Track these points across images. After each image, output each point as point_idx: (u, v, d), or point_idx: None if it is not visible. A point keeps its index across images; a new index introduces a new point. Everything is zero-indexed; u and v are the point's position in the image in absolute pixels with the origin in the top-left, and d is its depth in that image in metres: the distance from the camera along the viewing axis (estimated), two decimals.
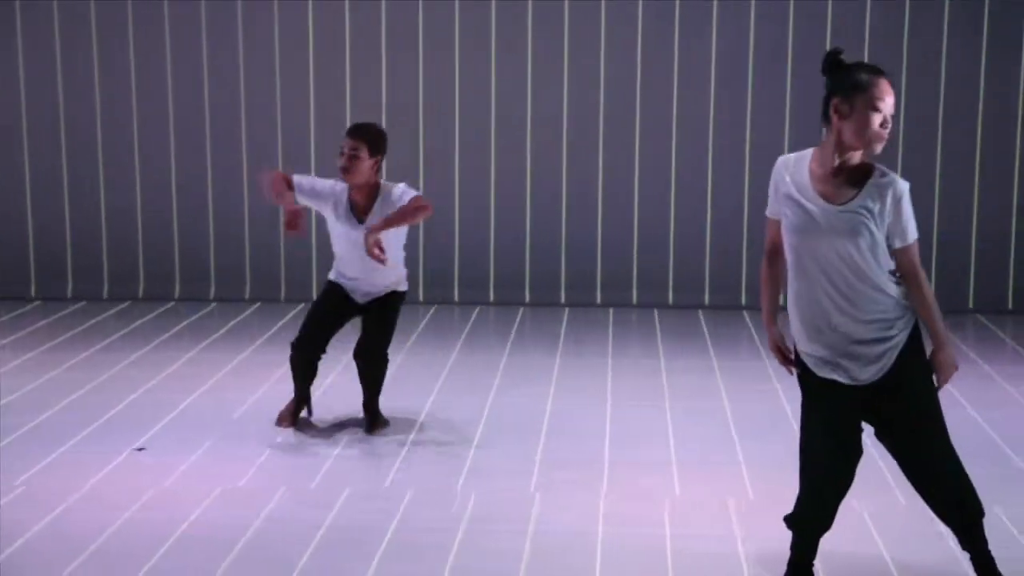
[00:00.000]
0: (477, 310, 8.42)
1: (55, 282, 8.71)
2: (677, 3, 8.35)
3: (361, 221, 5.57)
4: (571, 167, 8.54)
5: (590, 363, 7.12)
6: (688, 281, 8.56)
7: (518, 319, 8.19)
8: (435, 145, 8.54)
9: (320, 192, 5.67)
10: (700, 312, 8.41)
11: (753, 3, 8.31)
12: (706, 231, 8.53)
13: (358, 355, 5.77)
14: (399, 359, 7.12)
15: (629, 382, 6.73)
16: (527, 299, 8.59)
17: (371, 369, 5.78)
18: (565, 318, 8.24)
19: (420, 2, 8.41)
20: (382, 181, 5.67)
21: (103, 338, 7.57)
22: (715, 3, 8.33)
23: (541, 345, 7.54)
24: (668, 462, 5.45)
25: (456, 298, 8.61)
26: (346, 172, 5.49)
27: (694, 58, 8.38)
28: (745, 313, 8.33)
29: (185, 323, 7.96)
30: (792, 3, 8.31)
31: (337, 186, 5.66)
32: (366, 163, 5.49)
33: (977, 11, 8.24)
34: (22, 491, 5.02)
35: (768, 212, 4.05)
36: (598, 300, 8.58)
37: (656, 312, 8.41)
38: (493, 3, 8.40)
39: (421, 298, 8.58)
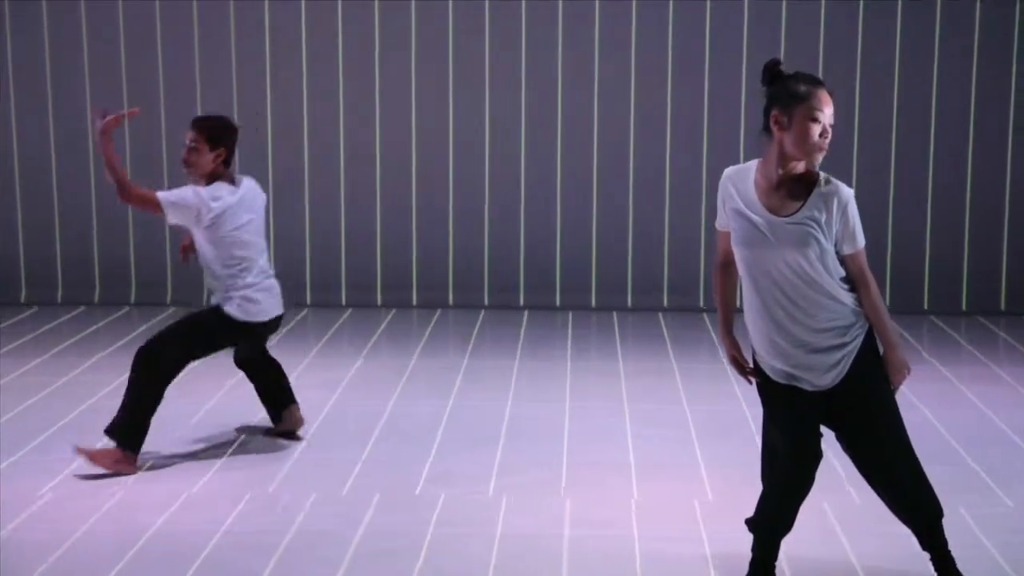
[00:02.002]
0: (437, 313, 8.42)
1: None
2: (671, 4, 8.38)
3: None
4: (529, 171, 8.55)
5: (550, 366, 7.13)
6: (649, 284, 8.60)
7: (478, 322, 8.19)
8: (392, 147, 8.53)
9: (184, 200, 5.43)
10: (660, 315, 8.45)
11: (746, 4, 8.36)
12: (664, 233, 8.56)
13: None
14: (358, 363, 7.11)
15: (589, 385, 6.75)
16: (487, 302, 8.58)
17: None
18: (524, 321, 8.25)
19: (412, 3, 8.41)
20: (236, 175, 5.47)
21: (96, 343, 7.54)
22: (708, 4, 8.36)
23: (500, 348, 7.55)
24: (628, 464, 5.47)
25: (414, 302, 8.60)
26: (186, 165, 5.39)
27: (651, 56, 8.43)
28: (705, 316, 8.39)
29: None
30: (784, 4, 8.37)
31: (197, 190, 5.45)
32: (207, 156, 5.35)
33: (968, 11, 8.30)
34: None
35: (717, 224, 4.08)
36: (557, 303, 8.60)
37: (615, 315, 8.44)
38: (487, 4, 8.39)
39: (379, 302, 8.58)
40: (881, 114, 8.41)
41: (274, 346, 7.39)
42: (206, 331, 5.43)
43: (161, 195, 5.25)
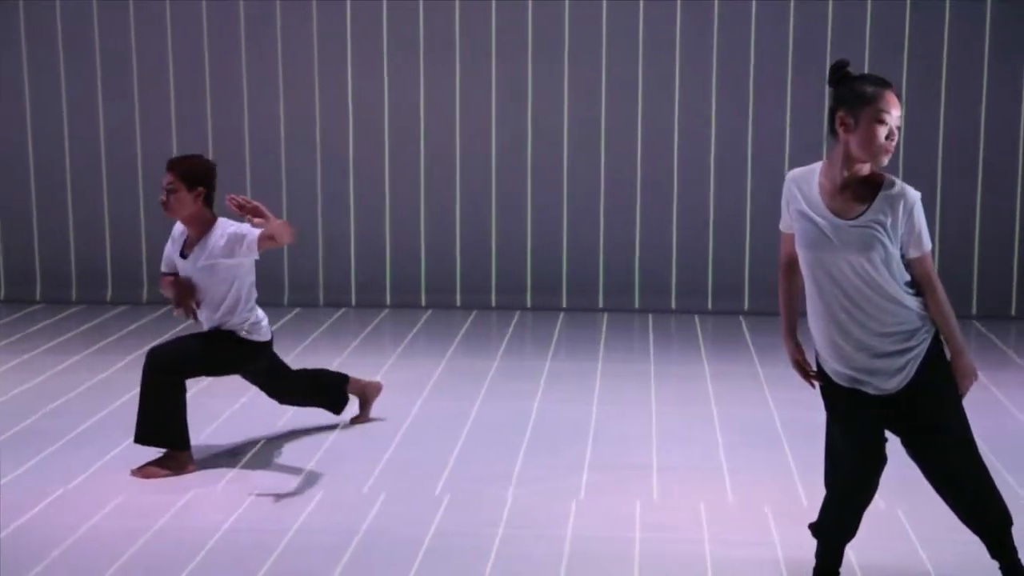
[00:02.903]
0: (516, 315, 8.43)
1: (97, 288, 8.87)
2: (679, 4, 8.31)
3: (184, 255, 5.40)
4: (573, 174, 8.50)
5: (631, 370, 7.09)
6: (729, 287, 8.54)
7: (559, 324, 8.18)
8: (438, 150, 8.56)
9: (169, 250, 5.53)
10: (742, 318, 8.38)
11: (754, 5, 8.25)
12: (746, 237, 8.49)
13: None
14: (443, 364, 7.14)
15: (671, 388, 6.70)
16: (564, 304, 8.58)
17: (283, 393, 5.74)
18: (604, 323, 8.22)
19: (420, 3, 8.45)
20: (220, 219, 5.37)
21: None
22: (716, 4, 8.27)
23: (580, 351, 7.53)
24: (701, 468, 5.44)
25: (493, 303, 8.64)
26: (165, 207, 5.36)
27: (696, 65, 8.35)
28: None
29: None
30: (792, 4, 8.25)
31: (176, 229, 5.51)
32: (186, 197, 5.31)
33: (978, 15, 8.12)
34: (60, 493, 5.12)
35: (781, 226, 4.04)
36: (636, 305, 8.57)
37: (696, 318, 8.38)
38: (493, 4, 8.39)
39: (459, 303, 8.63)
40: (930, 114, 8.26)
41: (357, 346, 7.46)
42: (224, 354, 5.43)
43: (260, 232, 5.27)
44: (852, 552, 4.34)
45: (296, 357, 7.14)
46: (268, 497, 5.07)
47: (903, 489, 4.64)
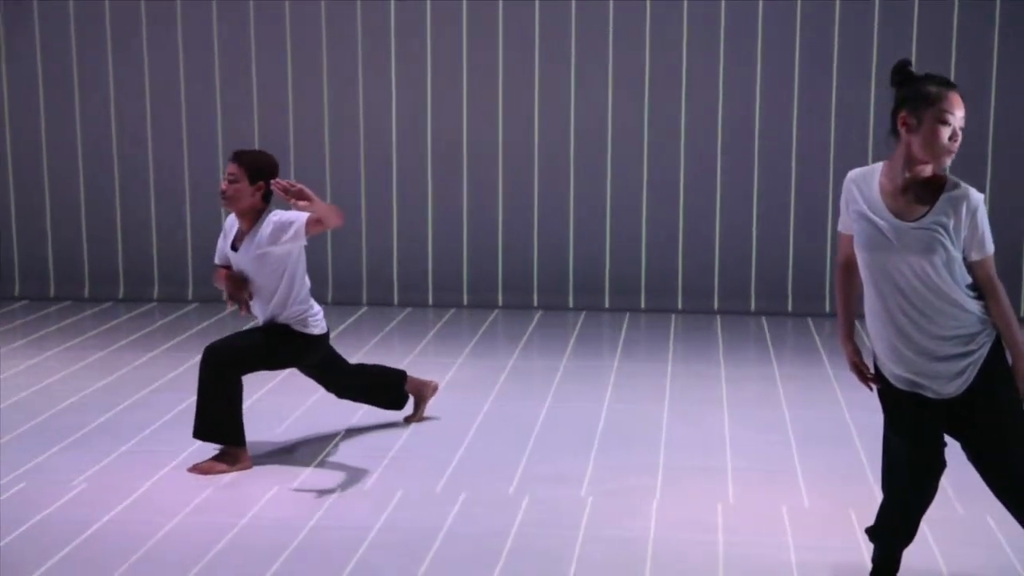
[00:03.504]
0: (538, 315, 8.41)
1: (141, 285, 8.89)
2: (723, 5, 8.27)
3: (235, 248, 5.42)
4: (579, 173, 8.47)
5: (644, 369, 7.06)
6: (767, 288, 8.50)
7: (578, 323, 8.16)
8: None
9: (221, 243, 5.55)
10: (764, 319, 8.32)
11: (799, 4, 8.21)
12: (789, 239, 8.45)
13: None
14: (459, 360, 7.13)
15: (687, 389, 6.66)
16: (571, 304, 8.56)
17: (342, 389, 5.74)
18: (624, 323, 8.18)
19: (428, 3, 8.42)
20: (276, 210, 5.36)
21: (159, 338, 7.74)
22: (760, 4, 8.24)
23: (598, 350, 7.47)
24: (723, 469, 5.40)
25: (535, 302, 8.63)
26: (223, 197, 5.36)
27: (740, 60, 8.31)
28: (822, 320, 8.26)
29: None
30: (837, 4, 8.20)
31: (228, 222, 5.53)
32: (246, 190, 5.33)
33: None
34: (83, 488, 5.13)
35: (840, 227, 3.99)
36: (679, 306, 8.53)
37: (722, 319, 8.32)
38: (500, 4, 8.36)
39: (503, 302, 8.62)
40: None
41: (427, 345, 7.46)
42: (280, 347, 5.43)
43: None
44: (942, 560, 4.34)
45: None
46: (324, 494, 5.06)
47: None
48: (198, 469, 5.30)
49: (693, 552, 4.53)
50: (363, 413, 6.07)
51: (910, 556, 4.15)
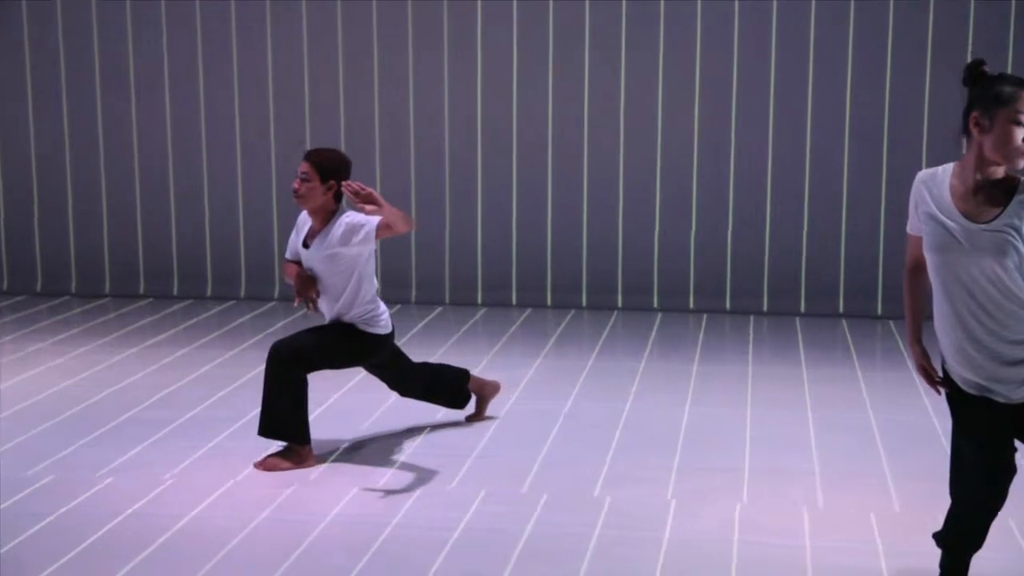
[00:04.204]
0: (614, 315, 8.41)
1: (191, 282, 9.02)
2: (774, 4, 8.21)
3: (306, 245, 5.46)
4: (739, 176, 8.47)
5: (730, 370, 7.04)
6: (826, 289, 8.43)
7: (662, 323, 8.15)
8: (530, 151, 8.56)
9: (293, 239, 5.59)
10: (844, 321, 8.27)
11: (891, 4, 8.13)
12: (841, 240, 8.38)
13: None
14: (533, 363, 7.15)
15: (768, 390, 6.64)
16: (655, 304, 8.55)
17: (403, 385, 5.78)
18: (702, 324, 8.18)
19: (444, 3, 8.45)
20: (350, 211, 5.39)
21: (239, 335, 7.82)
22: (852, 3, 8.17)
23: (679, 352, 7.47)
24: (810, 472, 5.36)
25: (583, 303, 8.63)
26: (296, 195, 5.39)
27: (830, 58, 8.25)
28: (891, 323, 8.18)
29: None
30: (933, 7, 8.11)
31: (300, 219, 5.57)
32: (317, 188, 5.36)
33: None
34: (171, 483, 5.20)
35: (909, 229, 3.93)
36: (727, 307, 8.50)
37: (798, 320, 8.30)
38: (514, 4, 8.36)
39: (582, 302, 8.65)
40: None
41: (503, 344, 7.50)
42: (345, 346, 5.47)
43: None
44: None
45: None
46: (405, 494, 5.09)
47: None
48: (263, 465, 5.35)
49: (766, 555, 4.49)
50: (430, 412, 6.11)
51: (925, 559, 4.11)
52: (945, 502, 3.98)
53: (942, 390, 3.95)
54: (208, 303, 8.76)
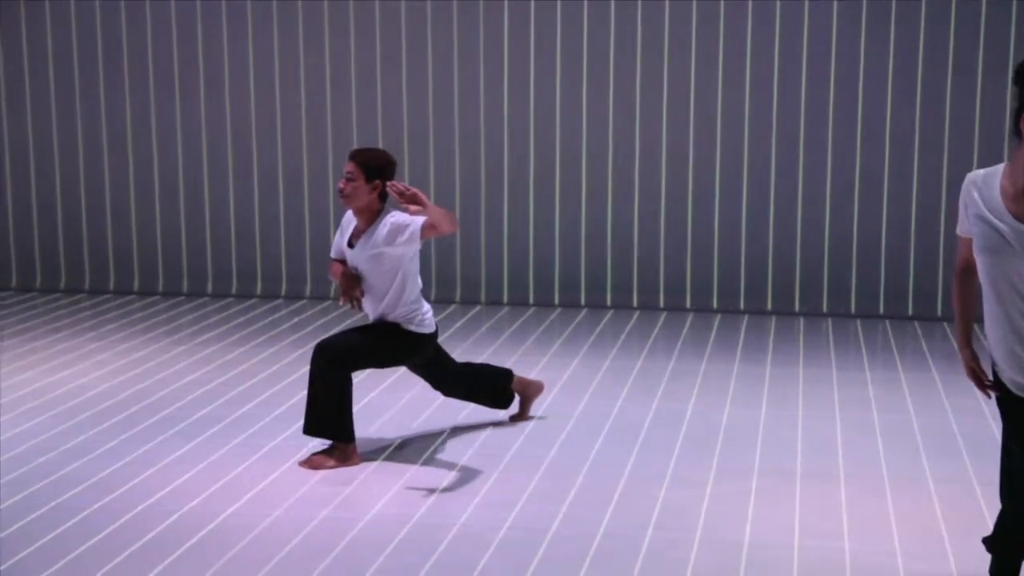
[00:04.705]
0: (663, 316, 8.39)
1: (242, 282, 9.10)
2: (835, 4, 8.17)
3: (351, 245, 5.49)
4: (808, 180, 8.45)
5: (772, 372, 7.01)
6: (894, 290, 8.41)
7: (706, 325, 8.12)
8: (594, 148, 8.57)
9: (338, 238, 5.62)
10: (887, 322, 8.22)
11: (953, 8, 8.08)
12: (910, 242, 8.32)
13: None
14: (575, 363, 7.15)
15: (821, 392, 6.60)
16: (744, 307, 8.54)
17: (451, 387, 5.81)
18: (743, 324, 8.15)
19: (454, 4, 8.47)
20: (394, 211, 5.39)
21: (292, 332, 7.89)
22: (923, 6, 8.12)
23: (726, 353, 7.45)
24: (855, 475, 5.33)
25: (634, 303, 8.62)
26: (342, 194, 5.40)
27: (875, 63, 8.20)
28: (946, 325, 8.12)
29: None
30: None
31: (345, 219, 5.60)
32: (363, 188, 5.37)
33: None
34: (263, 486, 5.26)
35: (959, 230, 3.89)
36: (796, 308, 8.46)
37: (860, 323, 8.25)
38: (529, 5, 8.36)
39: (608, 302, 8.65)
40: None
41: (543, 344, 7.46)
42: (389, 346, 5.50)
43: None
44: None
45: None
46: (432, 492, 5.11)
47: None
48: (308, 464, 5.39)
49: (812, 559, 4.47)
50: (476, 413, 6.12)
51: (973, 564, 4.08)
52: (994, 506, 3.93)
53: (992, 393, 3.90)
54: (241, 301, 8.83)
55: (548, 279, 8.74)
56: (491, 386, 5.91)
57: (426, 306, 5.58)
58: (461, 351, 7.33)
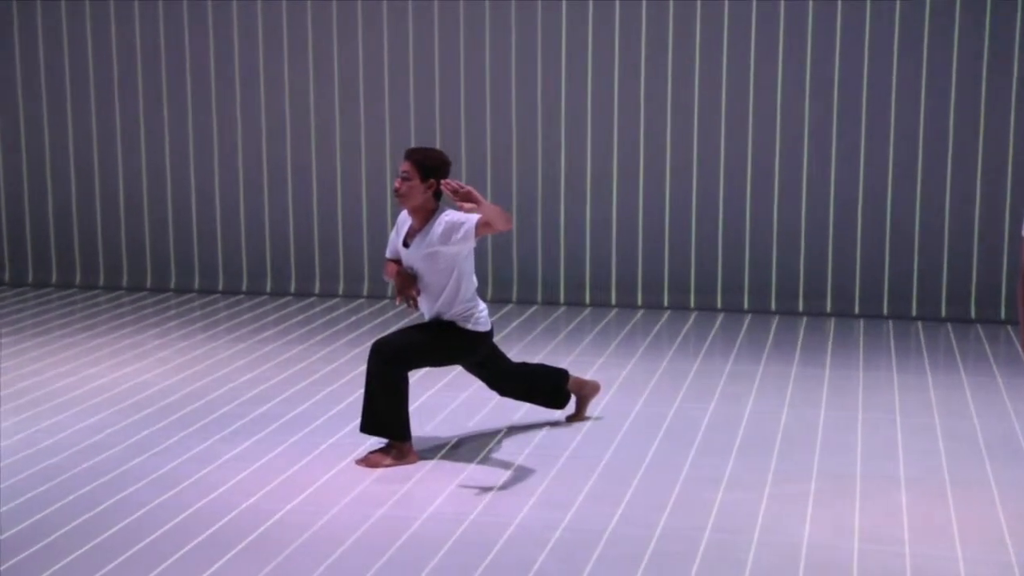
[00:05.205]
0: (720, 317, 8.35)
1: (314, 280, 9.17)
2: (897, 5, 8.07)
3: (407, 244, 5.51)
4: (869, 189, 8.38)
5: (831, 374, 6.95)
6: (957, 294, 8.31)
7: (773, 327, 8.07)
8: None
9: (393, 238, 5.64)
10: (950, 325, 8.13)
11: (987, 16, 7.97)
12: (974, 244, 8.23)
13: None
14: (631, 363, 7.13)
15: (879, 394, 6.54)
16: (749, 305, 8.47)
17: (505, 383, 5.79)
18: (802, 327, 8.08)
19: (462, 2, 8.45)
20: (449, 210, 5.40)
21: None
22: (958, 8, 8.01)
23: (774, 354, 7.41)
24: (915, 479, 5.26)
25: (703, 304, 8.58)
26: (397, 194, 5.40)
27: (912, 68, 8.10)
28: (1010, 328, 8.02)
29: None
30: None
31: (400, 218, 5.61)
32: (418, 187, 5.37)
33: None
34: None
35: None
36: (856, 311, 8.38)
37: (920, 325, 8.16)
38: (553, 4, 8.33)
39: (665, 303, 8.62)
40: None
41: (600, 345, 7.46)
42: (445, 344, 5.51)
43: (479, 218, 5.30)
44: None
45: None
46: (488, 491, 5.12)
47: None
48: (365, 462, 5.42)
49: (872, 563, 4.42)
50: (526, 412, 6.12)
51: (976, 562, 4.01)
52: None
53: None
54: (299, 300, 8.90)
55: (604, 279, 8.72)
56: (547, 386, 5.91)
57: (481, 305, 5.59)
58: (517, 351, 7.33)
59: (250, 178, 9.19)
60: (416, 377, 6.48)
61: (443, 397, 6.44)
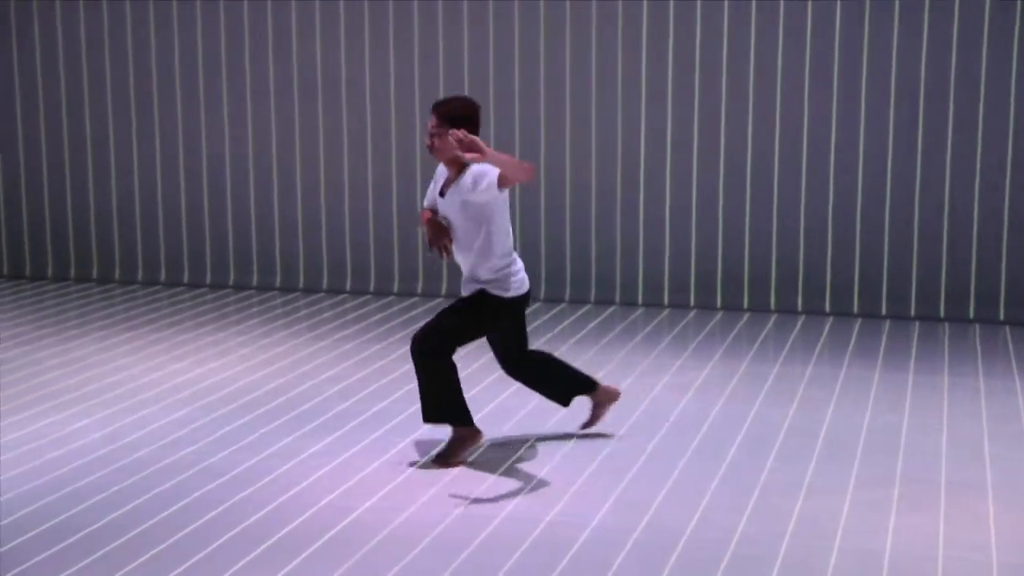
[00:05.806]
0: (803, 319, 8.26)
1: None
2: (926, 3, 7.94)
3: (442, 194, 5.48)
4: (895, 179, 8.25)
5: (915, 379, 6.83)
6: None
7: (846, 329, 7.96)
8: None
9: (431, 189, 5.61)
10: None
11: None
12: (1003, 241, 8.08)
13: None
14: (709, 366, 7.08)
15: (964, 400, 6.42)
16: (827, 308, 8.37)
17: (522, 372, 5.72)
18: (885, 329, 7.95)
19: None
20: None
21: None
22: (987, 8, 7.86)
23: (856, 358, 7.30)
24: (994, 485, 5.15)
25: (774, 305, 8.50)
26: (431, 150, 5.38)
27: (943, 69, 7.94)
28: None
29: None
30: None
31: (438, 170, 5.57)
32: (447, 138, 5.32)
33: None
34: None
35: None
36: (911, 312, 8.24)
37: (1008, 330, 8.01)
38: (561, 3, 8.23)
39: (718, 303, 8.55)
40: None
41: (677, 347, 7.41)
42: (478, 316, 5.47)
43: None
44: None
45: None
46: (565, 492, 5.12)
47: None
48: (443, 463, 5.44)
49: (957, 572, 4.35)
50: (552, 414, 6.09)
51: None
52: None
53: None
54: (379, 298, 8.96)
55: (683, 280, 8.67)
56: (560, 383, 5.80)
57: (519, 263, 5.52)
58: (593, 353, 7.30)
59: (307, 184, 9.26)
60: (488, 379, 6.48)
61: (517, 400, 6.43)
